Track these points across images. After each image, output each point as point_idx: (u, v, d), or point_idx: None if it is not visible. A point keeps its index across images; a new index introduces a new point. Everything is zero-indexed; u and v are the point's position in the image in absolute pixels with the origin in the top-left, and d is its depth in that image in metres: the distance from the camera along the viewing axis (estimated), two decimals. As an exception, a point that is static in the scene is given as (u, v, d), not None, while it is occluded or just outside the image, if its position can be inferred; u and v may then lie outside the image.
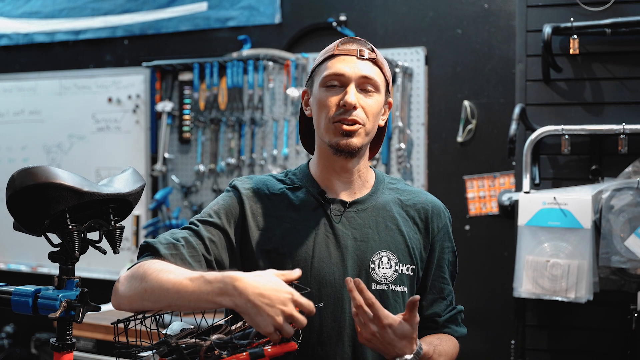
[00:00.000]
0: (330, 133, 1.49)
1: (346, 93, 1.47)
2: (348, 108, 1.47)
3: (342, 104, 1.47)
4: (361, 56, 1.50)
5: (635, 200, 2.50)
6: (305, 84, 1.60)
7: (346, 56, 1.50)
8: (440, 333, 1.61)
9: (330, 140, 1.50)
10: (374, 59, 1.51)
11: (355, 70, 1.49)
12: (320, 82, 1.51)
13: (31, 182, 1.28)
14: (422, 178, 3.42)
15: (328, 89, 1.50)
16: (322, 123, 1.50)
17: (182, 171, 3.96)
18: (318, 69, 1.54)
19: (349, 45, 1.51)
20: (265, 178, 1.59)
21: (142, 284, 1.32)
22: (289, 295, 1.20)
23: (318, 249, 1.49)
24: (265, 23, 3.78)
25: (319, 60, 1.54)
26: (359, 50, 1.50)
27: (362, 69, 1.49)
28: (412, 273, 1.54)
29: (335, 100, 1.48)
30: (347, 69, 1.49)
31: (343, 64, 1.49)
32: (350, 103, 1.46)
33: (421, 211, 1.59)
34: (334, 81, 1.49)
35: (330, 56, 1.51)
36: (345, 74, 1.48)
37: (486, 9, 3.35)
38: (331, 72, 1.49)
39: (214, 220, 1.49)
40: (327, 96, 1.49)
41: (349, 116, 1.47)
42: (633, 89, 2.65)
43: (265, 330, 1.19)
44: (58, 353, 1.37)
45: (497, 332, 3.23)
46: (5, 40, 4.44)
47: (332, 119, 1.48)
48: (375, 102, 1.50)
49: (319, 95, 1.51)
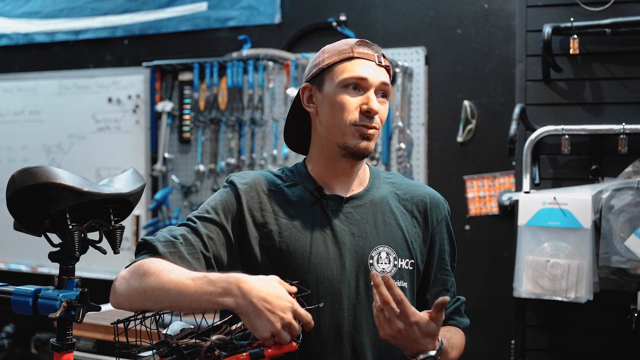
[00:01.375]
0: (349, 136, 1.48)
1: (369, 99, 1.48)
2: (373, 115, 1.47)
3: (366, 110, 1.47)
4: (379, 63, 1.51)
5: (635, 200, 2.50)
6: (307, 80, 1.57)
7: (366, 60, 1.50)
8: (446, 325, 1.61)
9: (347, 142, 1.49)
10: (387, 66, 1.53)
11: (377, 76, 1.49)
12: (339, 82, 1.49)
13: (31, 182, 1.28)
14: (422, 178, 3.42)
15: (349, 90, 1.49)
16: (338, 125, 1.49)
17: (182, 171, 3.96)
18: (332, 68, 1.51)
19: (366, 49, 1.51)
20: (262, 174, 1.58)
21: (142, 283, 1.31)
22: (289, 304, 1.22)
23: (315, 245, 1.49)
24: (265, 23, 3.78)
25: (334, 60, 1.51)
26: (377, 56, 1.51)
27: (382, 76, 1.50)
28: (412, 267, 1.54)
29: (357, 104, 1.48)
30: (370, 74, 1.49)
31: (365, 68, 1.49)
32: (376, 110, 1.47)
33: (419, 204, 1.59)
34: (355, 84, 1.49)
35: (349, 58, 1.50)
36: (368, 79, 1.48)
37: (486, 9, 3.35)
38: (354, 74, 1.48)
39: (212, 217, 1.49)
40: (348, 98, 1.48)
41: (371, 123, 1.48)
42: (633, 89, 2.65)
43: (262, 334, 1.20)
44: (58, 353, 1.37)
45: (497, 332, 3.23)
46: (5, 40, 4.44)
47: (352, 122, 1.48)
48: (386, 109, 1.53)
49: (336, 96, 1.49)
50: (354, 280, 1.48)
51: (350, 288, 1.48)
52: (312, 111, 1.56)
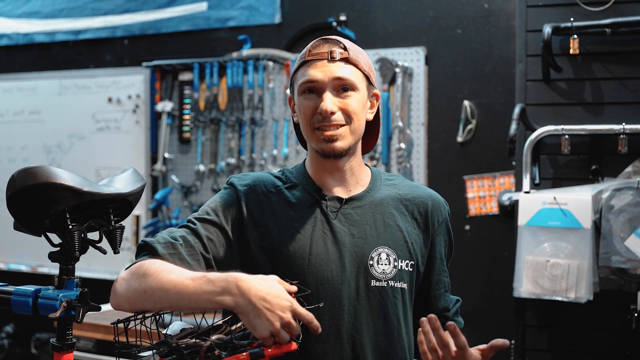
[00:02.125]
0: (314, 140, 1.50)
1: (321, 100, 1.47)
2: (325, 115, 1.47)
3: (319, 112, 1.47)
4: (332, 58, 1.48)
5: (635, 200, 2.50)
6: (289, 92, 1.60)
7: (317, 61, 1.49)
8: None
9: (315, 146, 1.51)
10: (345, 58, 1.50)
11: (328, 74, 1.48)
12: (298, 90, 1.52)
13: (31, 182, 1.28)
14: (422, 178, 3.42)
15: (305, 96, 1.50)
16: (305, 130, 1.52)
17: (182, 171, 3.96)
18: (295, 76, 1.54)
19: (320, 48, 1.50)
20: (261, 175, 1.58)
21: (142, 284, 1.31)
22: (289, 303, 1.22)
23: (315, 245, 1.48)
24: (265, 23, 3.78)
25: (295, 67, 1.54)
26: (330, 52, 1.49)
27: (335, 71, 1.48)
28: (412, 269, 1.54)
29: (313, 107, 1.49)
30: (319, 74, 1.48)
31: (315, 70, 1.48)
32: (326, 110, 1.46)
33: (420, 206, 1.59)
34: (310, 87, 1.49)
35: (303, 62, 1.51)
36: (318, 80, 1.48)
37: (486, 9, 3.35)
38: (305, 79, 1.49)
39: (212, 218, 1.49)
40: (305, 104, 1.50)
41: (328, 122, 1.48)
42: (633, 89, 2.65)
43: (261, 334, 1.20)
44: (58, 353, 1.37)
45: (497, 332, 3.21)
46: (5, 40, 4.44)
47: (312, 125, 1.49)
48: (355, 100, 1.50)
49: (298, 103, 1.52)
50: (354, 281, 1.48)
51: (350, 289, 1.48)
52: (296, 120, 1.59)
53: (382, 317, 1.49)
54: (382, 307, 1.49)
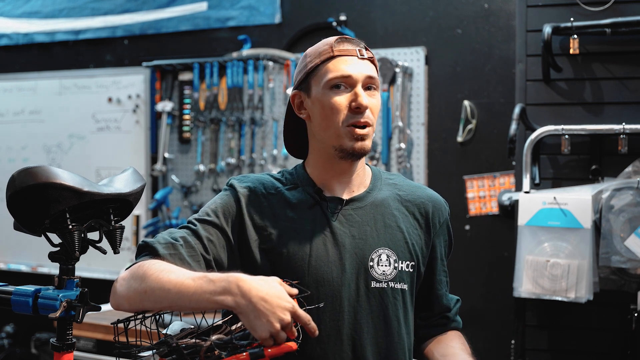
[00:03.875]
0: (343, 137, 1.47)
1: (357, 95, 1.45)
2: (362, 110, 1.45)
3: (355, 106, 1.45)
4: (361, 56, 1.48)
5: (635, 200, 2.50)
6: (295, 87, 1.56)
7: (347, 57, 1.48)
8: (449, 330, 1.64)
9: (343, 144, 1.47)
10: (371, 58, 1.51)
11: (361, 70, 1.47)
12: (325, 84, 1.47)
13: (31, 182, 1.28)
14: (422, 178, 3.42)
15: (335, 91, 1.47)
16: (331, 127, 1.47)
17: (182, 171, 3.96)
18: (316, 71, 1.50)
19: (346, 45, 1.49)
20: (261, 177, 1.58)
21: (142, 284, 1.31)
22: (289, 304, 1.21)
23: (315, 247, 1.48)
24: (265, 23, 3.78)
25: (316, 63, 1.50)
26: (359, 50, 1.49)
27: (366, 69, 1.48)
28: (412, 270, 1.54)
29: (345, 103, 1.46)
30: (352, 70, 1.46)
31: (347, 65, 1.47)
32: (365, 105, 1.45)
33: (421, 206, 1.59)
34: (341, 83, 1.47)
35: (330, 58, 1.48)
36: (352, 75, 1.46)
37: (486, 9, 3.35)
38: (337, 74, 1.46)
39: (212, 220, 1.48)
40: (336, 99, 1.46)
41: (362, 118, 1.46)
42: (633, 89, 2.65)
43: (261, 334, 1.19)
44: (58, 353, 1.37)
45: (497, 332, 3.22)
46: (5, 40, 4.44)
47: (344, 123, 1.46)
48: (378, 102, 1.50)
49: (324, 98, 1.48)
50: (354, 282, 1.48)
51: (350, 290, 1.48)
52: (304, 117, 1.55)
53: (382, 318, 1.49)
54: (382, 308, 1.49)
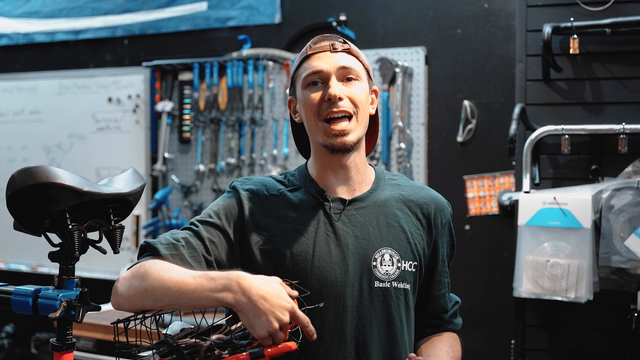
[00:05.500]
0: (322, 133, 1.49)
1: (328, 87, 1.48)
2: (333, 100, 1.47)
3: (327, 98, 1.47)
4: (334, 49, 1.51)
5: (635, 200, 2.50)
6: (289, 93, 1.61)
7: (320, 53, 1.51)
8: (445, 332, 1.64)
9: (323, 141, 1.50)
10: (347, 49, 1.53)
11: (332, 63, 1.49)
12: (302, 84, 1.52)
13: (31, 182, 1.28)
14: (422, 178, 3.42)
15: (310, 88, 1.51)
16: (312, 124, 1.51)
17: (182, 171, 3.96)
18: (296, 73, 1.55)
19: (321, 43, 1.53)
20: (264, 179, 1.59)
21: (142, 283, 1.31)
22: (289, 304, 1.21)
23: (318, 248, 1.48)
24: (265, 23, 3.78)
25: (296, 65, 1.55)
26: (332, 45, 1.51)
27: (339, 61, 1.50)
28: (415, 269, 1.54)
29: (319, 96, 1.49)
30: (323, 64, 1.49)
31: (319, 61, 1.50)
32: (335, 95, 1.47)
33: (424, 207, 1.59)
34: (315, 79, 1.50)
35: (305, 58, 1.53)
36: (323, 70, 1.49)
37: (486, 9, 3.35)
38: (309, 71, 1.50)
39: (214, 221, 1.49)
40: (311, 95, 1.50)
41: (336, 108, 1.47)
42: (633, 89, 2.65)
43: (260, 333, 1.19)
44: (58, 353, 1.37)
45: (497, 332, 3.22)
46: (5, 40, 4.44)
47: (320, 116, 1.49)
48: (360, 89, 1.51)
49: (303, 97, 1.52)
50: (357, 282, 1.48)
51: (353, 290, 1.48)
52: (298, 120, 1.58)
53: (386, 318, 1.50)
54: (386, 308, 1.50)
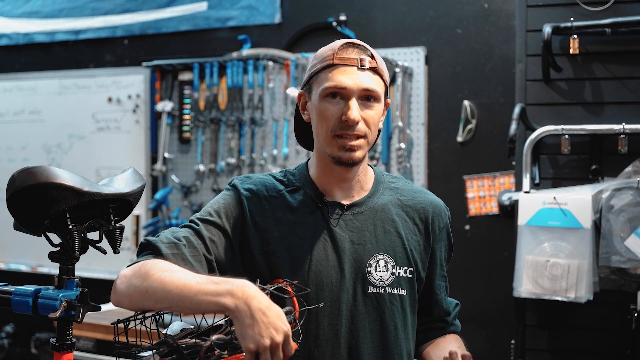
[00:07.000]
0: (333, 147, 1.46)
1: (349, 108, 1.43)
2: (351, 124, 1.44)
3: (345, 119, 1.43)
4: (362, 66, 1.45)
5: (635, 200, 2.50)
6: (302, 86, 1.56)
7: (347, 67, 1.45)
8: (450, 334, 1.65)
9: (332, 153, 1.47)
10: (374, 67, 1.47)
11: (357, 82, 1.44)
12: (320, 93, 1.46)
13: (31, 182, 1.28)
14: (422, 178, 3.42)
15: (329, 100, 1.46)
16: (322, 134, 1.47)
17: (182, 171, 3.96)
18: (317, 76, 1.49)
19: (349, 53, 1.46)
20: (264, 178, 1.58)
21: (143, 283, 1.31)
22: (286, 328, 1.19)
23: (316, 252, 1.49)
24: (265, 23, 3.78)
25: (318, 68, 1.48)
26: (360, 60, 1.45)
27: (364, 81, 1.44)
28: (411, 275, 1.54)
29: (337, 113, 1.44)
30: (348, 81, 1.44)
31: (344, 76, 1.44)
32: (354, 120, 1.43)
33: (421, 212, 1.59)
34: (335, 93, 1.45)
35: (330, 65, 1.46)
36: (347, 87, 1.44)
37: (486, 9, 3.35)
38: (332, 84, 1.44)
39: (214, 220, 1.48)
40: (328, 108, 1.45)
41: (352, 131, 1.44)
42: (633, 89, 2.65)
43: (248, 345, 1.17)
44: (58, 353, 1.37)
45: (497, 332, 3.22)
46: (5, 40, 4.44)
47: (333, 132, 1.45)
48: (376, 113, 1.48)
49: (319, 105, 1.47)
50: (352, 287, 1.49)
51: (348, 295, 1.49)
52: (306, 118, 1.55)
53: (379, 323, 1.50)
54: (379, 313, 1.50)
